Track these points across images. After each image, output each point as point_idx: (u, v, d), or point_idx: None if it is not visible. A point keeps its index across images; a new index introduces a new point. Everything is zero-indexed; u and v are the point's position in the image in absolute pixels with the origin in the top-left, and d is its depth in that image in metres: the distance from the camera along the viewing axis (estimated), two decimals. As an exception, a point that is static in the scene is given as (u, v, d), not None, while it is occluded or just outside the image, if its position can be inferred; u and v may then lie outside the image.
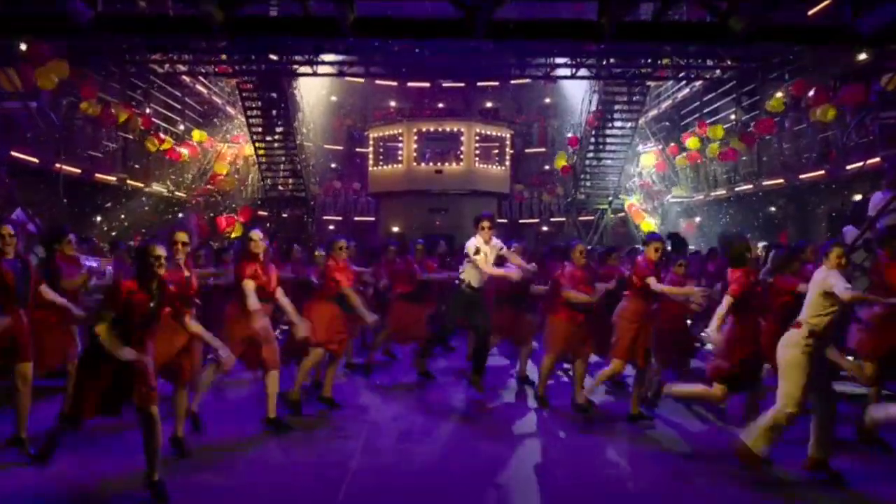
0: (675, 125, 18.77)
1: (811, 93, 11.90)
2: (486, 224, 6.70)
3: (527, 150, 25.58)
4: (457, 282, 6.88)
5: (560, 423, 6.39)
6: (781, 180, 13.08)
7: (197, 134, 17.82)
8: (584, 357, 6.76)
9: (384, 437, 5.86)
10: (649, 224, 16.28)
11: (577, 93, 21.15)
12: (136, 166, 15.08)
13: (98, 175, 13.18)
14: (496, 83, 26.32)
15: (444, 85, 25.94)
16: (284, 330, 8.25)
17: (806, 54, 13.40)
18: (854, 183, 11.64)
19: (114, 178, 13.78)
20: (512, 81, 26.15)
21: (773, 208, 14.51)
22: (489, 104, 26.80)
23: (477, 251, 6.64)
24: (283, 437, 5.70)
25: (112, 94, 14.19)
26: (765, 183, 13.70)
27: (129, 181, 14.35)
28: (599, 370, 6.63)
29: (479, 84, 26.32)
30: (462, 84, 25.92)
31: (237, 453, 5.27)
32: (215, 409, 6.37)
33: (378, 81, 25.84)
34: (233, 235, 16.00)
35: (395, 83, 26.07)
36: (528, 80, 25.72)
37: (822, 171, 11.77)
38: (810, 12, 11.10)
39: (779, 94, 13.01)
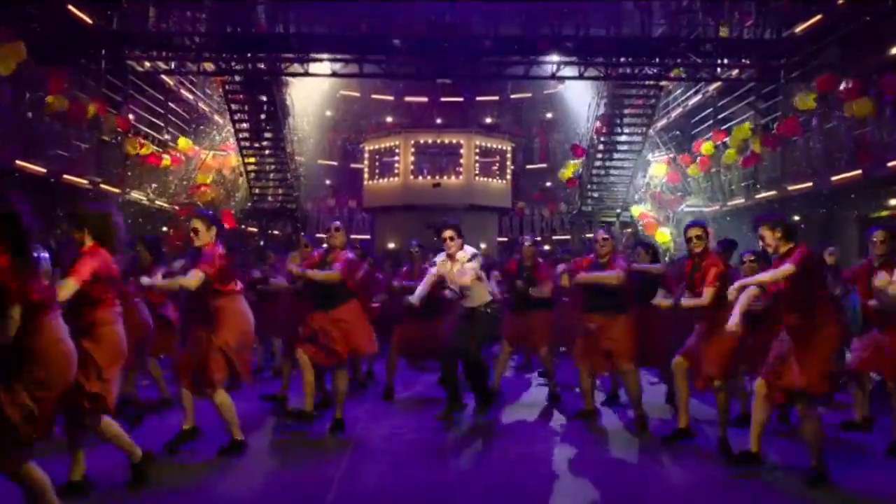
0: (685, 134, 17.81)
1: (842, 86, 10.92)
2: (446, 234, 5.66)
3: (528, 167, 24.74)
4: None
5: (584, 442, 5.25)
6: (810, 184, 12.07)
7: (182, 142, 16.79)
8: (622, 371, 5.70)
9: (371, 461, 4.71)
10: (664, 235, 15.23)
11: (579, 106, 20.31)
12: (113, 171, 14.02)
13: (67, 176, 12.10)
14: (496, 98, 25.62)
15: (443, 100, 25.17)
16: None
17: (832, 50, 12.53)
18: (892, 184, 10.66)
19: (85, 181, 12.69)
20: (512, 96, 25.47)
21: (796, 216, 13.47)
22: (488, 120, 26.00)
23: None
24: (242, 462, 4.57)
25: (87, 93, 13.17)
26: (790, 188, 12.68)
27: (102, 185, 13.26)
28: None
29: (478, 99, 25.61)
30: (461, 99, 25.18)
31: (177, 485, 4.14)
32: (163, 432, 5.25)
33: (375, 96, 25.11)
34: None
35: (391, 98, 25.32)
36: (528, 95, 25.13)
37: (858, 172, 10.76)
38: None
39: (807, 91, 12.02)
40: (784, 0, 12.81)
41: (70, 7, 12.31)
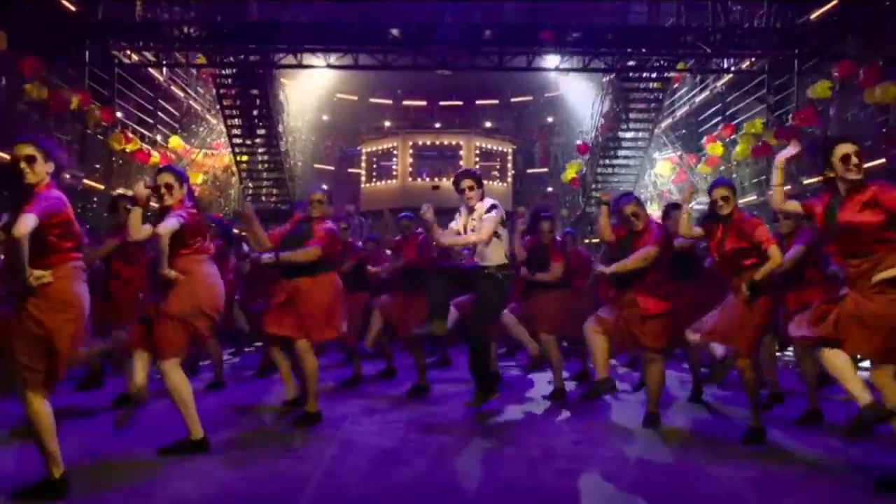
0: (692, 133, 17.22)
1: (861, 73, 10.36)
2: (465, 184, 5.10)
3: (528, 171, 24.13)
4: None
5: (594, 438, 4.61)
6: (827, 176, 11.46)
7: (174, 140, 16.18)
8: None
9: (355, 457, 4.06)
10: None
11: (581, 110, 19.73)
12: (97, 166, 13.44)
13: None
14: (496, 102, 25.06)
15: (442, 104, 24.62)
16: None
17: (848, 40, 11.98)
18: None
19: (67, 175, 12.08)
20: (513, 100, 24.88)
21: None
22: (488, 124, 25.43)
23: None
24: (211, 458, 3.94)
25: (71, 84, 12.59)
26: (806, 181, 12.07)
27: (85, 180, 12.66)
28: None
29: (478, 103, 25.06)
30: (460, 103, 24.64)
31: (133, 483, 3.51)
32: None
33: (372, 100, 24.54)
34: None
35: (389, 101, 24.78)
36: (528, 99, 24.57)
37: (882, 160, 10.16)
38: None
39: (823, 80, 11.46)
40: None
41: (52, -7, 11.78)
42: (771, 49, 12.80)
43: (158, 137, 16.12)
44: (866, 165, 10.14)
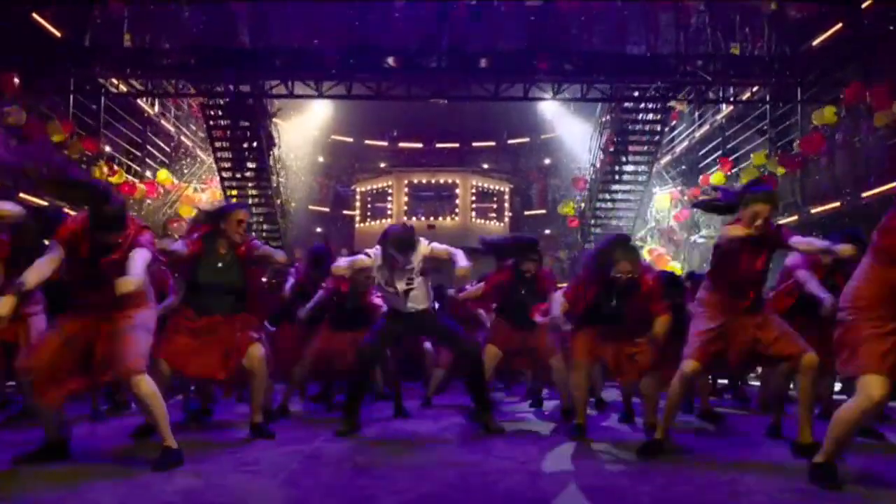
0: (692, 168, 16.89)
1: (868, 96, 10.06)
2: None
3: (526, 213, 23.73)
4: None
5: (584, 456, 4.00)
6: (836, 204, 11.03)
7: (162, 175, 15.77)
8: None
9: (320, 471, 3.44)
10: (675, 269, 14.08)
11: (578, 151, 19.49)
12: (80, 196, 12.99)
13: (22, 195, 11.03)
14: (492, 143, 24.81)
15: (439, 146, 24.35)
16: None
17: (850, 68, 11.72)
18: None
19: (45, 203, 11.62)
20: (509, 141, 24.64)
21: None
22: (485, 165, 25.14)
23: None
24: (144, 471, 3.32)
25: (57, 113, 12.23)
26: (813, 210, 11.64)
27: (66, 210, 12.15)
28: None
29: (474, 144, 24.80)
30: (456, 144, 24.37)
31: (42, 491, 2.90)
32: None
33: (368, 142, 24.32)
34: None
35: (385, 143, 24.55)
36: (525, 140, 24.32)
37: (894, 184, 9.73)
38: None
39: (830, 106, 11.14)
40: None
41: (36, 17, 11.50)
42: (773, 76, 12.51)
43: (147, 173, 15.73)
44: (878, 191, 9.63)
